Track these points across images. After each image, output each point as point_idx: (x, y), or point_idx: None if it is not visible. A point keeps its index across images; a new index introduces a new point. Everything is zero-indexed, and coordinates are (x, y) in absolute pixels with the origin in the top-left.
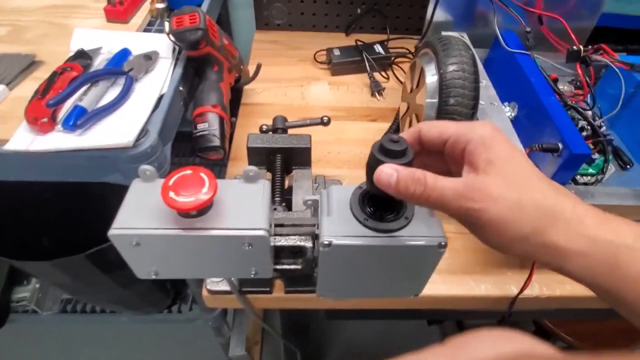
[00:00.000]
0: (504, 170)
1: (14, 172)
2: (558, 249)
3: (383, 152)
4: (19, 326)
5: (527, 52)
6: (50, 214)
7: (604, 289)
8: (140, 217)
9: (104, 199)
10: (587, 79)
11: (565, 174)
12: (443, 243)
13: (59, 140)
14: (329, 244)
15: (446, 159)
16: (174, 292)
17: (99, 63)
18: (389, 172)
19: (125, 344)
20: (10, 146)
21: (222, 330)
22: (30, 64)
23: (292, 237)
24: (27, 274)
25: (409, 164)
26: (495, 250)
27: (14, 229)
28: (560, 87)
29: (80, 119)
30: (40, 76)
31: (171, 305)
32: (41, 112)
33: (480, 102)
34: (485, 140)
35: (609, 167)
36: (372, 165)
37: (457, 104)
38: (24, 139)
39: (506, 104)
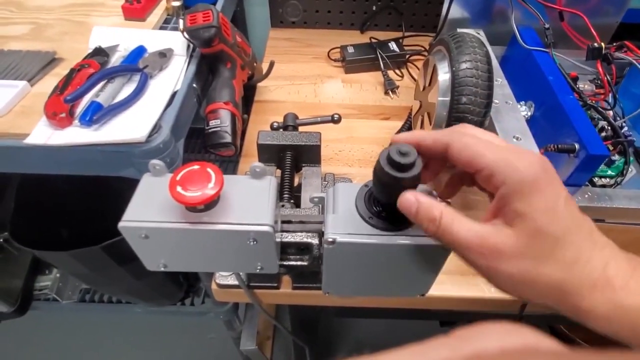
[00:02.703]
0: (533, 227)
1: (34, 166)
2: (580, 310)
3: (390, 163)
4: (41, 313)
5: (545, 50)
6: (70, 206)
7: (630, 344)
8: (149, 210)
9: (121, 192)
10: (609, 77)
11: (582, 176)
12: None
13: (75, 134)
14: (333, 241)
15: (476, 183)
16: (186, 285)
17: (115, 60)
18: (411, 201)
19: (139, 334)
20: (29, 140)
21: (233, 324)
22: (51, 61)
23: (299, 233)
24: (49, 264)
25: (414, 179)
26: None
27: (36, 220)
28: (580, 85)
29: (96, 115)
30: (60, 72)
31: (184, 298)
32: (59, 108)
33: (495, 101)
34: (523, 186)
35: (630, 169)
36: (378, 174)
37: (469, 103)
38: (43, 134)
39: (522, 103)
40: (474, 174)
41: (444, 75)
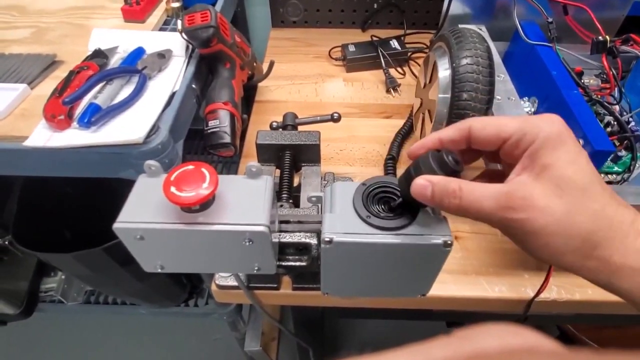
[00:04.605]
0: (560, 176)
1: (34, 168)
2: (609, 264)
3: (443, 168)
4: (46, 315)
5: (549, 44)
6: (73, 208)
7: None
8: (144, 211)
9: (123, 194)
10: (614, 71)
11: None
12: (449, 242)
13: (74, 136)
14: (330, 241)
15: (502, 161)
16: (189, 286)
17: (114, 62)
18: (424, 184)
19: (144, 335)
20: (29, 142)
21: (237, 325)
22: (51, 64)
23: (297, 233)
24: (53, 266)
25: None
26: (539, 261)
27: (38, 223)
28: (586, 80)
29: (94, 116)
30: (60, 75)
31: (188, 299)
32: (58, 110)
33: (497, 97)
34: (550, 141)
35: (637, 165)
36: (413, 171)
37: (470, 99)
38: (42, 136)
39: (525, 98)
40: (497, 149)
41: (444, 71)
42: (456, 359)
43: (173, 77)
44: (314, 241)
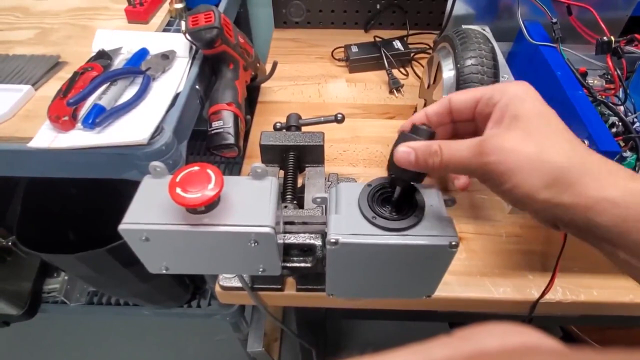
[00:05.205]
0: (529, 125)
1: (38, 169)
2: (587, 197)
3: (416, 132)
4: (49, 316)
5: (553, 45)
6: (77, 209)
7: (634, 245)
8: (150, 212)
9: (127, 195)
10: (619, 72)
11: None
12: (454, 243)
13: (78, 137)
14: (336, 242)
15: (477, 124)
16: (193, 287)
17: (118, 63)
18: (407, 150)
19: (147, 336)
20: (33, 144)
21: (240, 326)
22: (55, 65)
23: (302, 234)
24: (57, 267)
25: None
26: (516, 207)
27: (42, 224)
28: (590, 81)
29: (99, 117)
30: (64, 76)
31: (191, 300)
32: (62, 111)
33: None
34: (517, 97)
35: None
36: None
37: None
38: (47, 137)
39: None
40: (474, 114)
41: (448, 72)
42: (456, 359)
43: (177, 78)
44: (318, 242)
